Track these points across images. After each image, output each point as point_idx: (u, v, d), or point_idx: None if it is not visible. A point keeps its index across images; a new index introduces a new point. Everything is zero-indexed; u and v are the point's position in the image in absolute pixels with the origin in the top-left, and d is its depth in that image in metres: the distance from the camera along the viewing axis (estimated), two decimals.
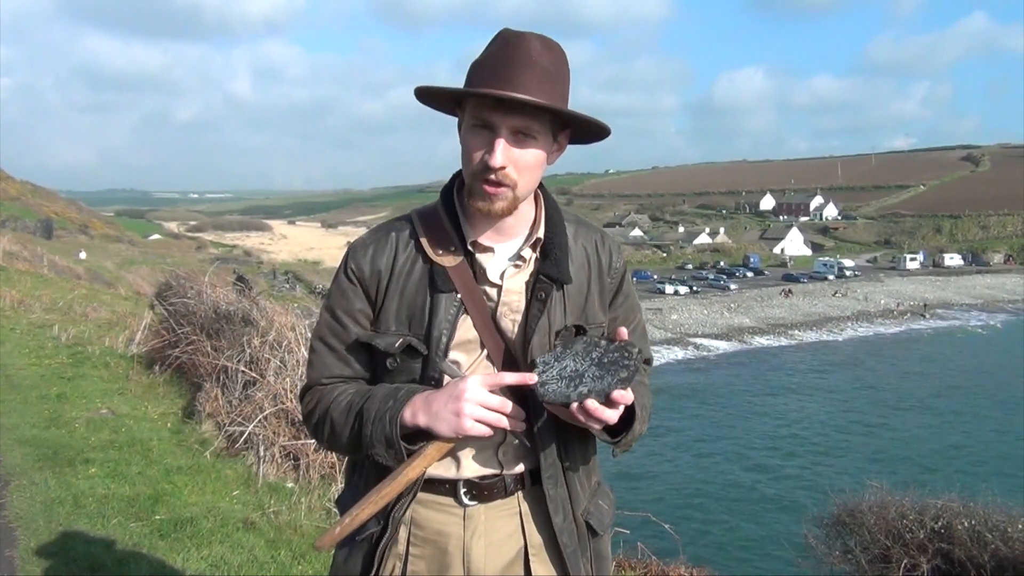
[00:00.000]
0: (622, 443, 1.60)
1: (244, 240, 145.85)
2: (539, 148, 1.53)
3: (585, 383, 1.44)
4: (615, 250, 1.75)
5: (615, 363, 1.46)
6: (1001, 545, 6.70)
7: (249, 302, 7.42)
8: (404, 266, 1.61)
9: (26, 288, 13.41)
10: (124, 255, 55.14)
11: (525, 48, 1.48)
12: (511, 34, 1.51)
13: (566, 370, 1.47)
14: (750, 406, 38.96)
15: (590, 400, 1.43)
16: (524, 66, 1.46)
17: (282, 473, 5.41)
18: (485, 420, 1.47)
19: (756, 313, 63.78)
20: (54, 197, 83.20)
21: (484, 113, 1.48)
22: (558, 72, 1.51)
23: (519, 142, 1.50)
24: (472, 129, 1.51)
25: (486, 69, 1.49)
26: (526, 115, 1.48)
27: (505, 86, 1.45)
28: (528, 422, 1.59)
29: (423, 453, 1.50)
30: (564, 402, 1.44)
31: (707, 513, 24.21)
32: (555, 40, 1.53)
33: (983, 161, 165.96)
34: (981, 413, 37.88)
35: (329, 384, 1.64)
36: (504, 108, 1.46)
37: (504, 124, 1.48)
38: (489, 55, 1.50)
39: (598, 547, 1.72)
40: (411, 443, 1.51)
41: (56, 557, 3.87)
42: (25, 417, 6.21)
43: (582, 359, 1.48)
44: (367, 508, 1.51)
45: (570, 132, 1.60)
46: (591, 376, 1.45)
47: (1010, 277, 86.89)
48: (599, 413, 1.44)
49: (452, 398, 1.47)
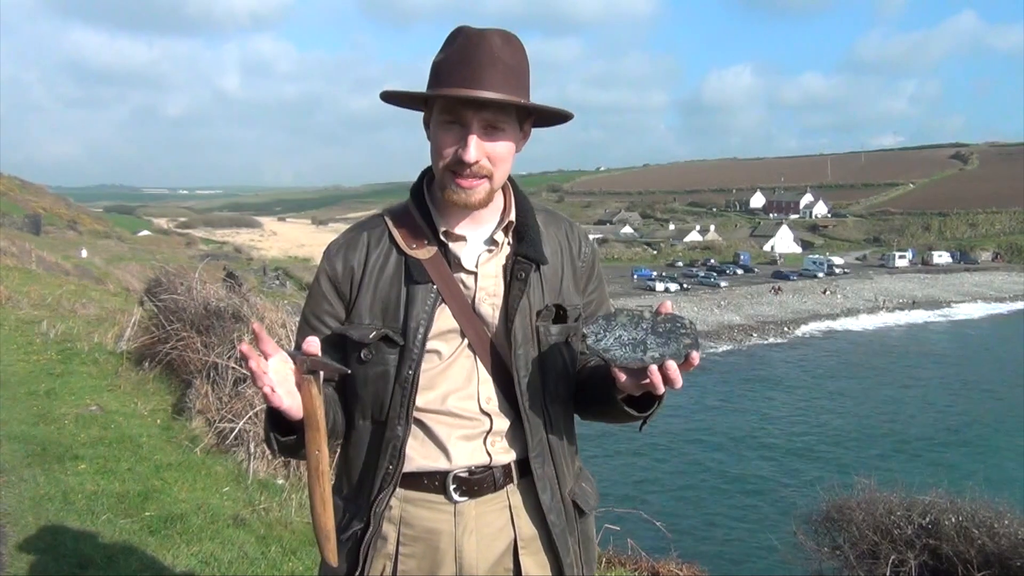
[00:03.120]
0: (652, 416, 1.63)
1: (234, 236, 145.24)
2: (508, 139, 1.60)
3: (652, 348, 1.48)
4: (583, 237, 1.80)
5: (673, 332, 1.49)
6: (988, 540, 6.75)
7: (239, 298, 7.41)
8: (377, 261, 1.64)
9: (14, 284, 13.35)
10: (113, 251, 54.88)
11: (487, 46, 1.53)
12: (472, 32, 1.56)
13: (623, 339, 1.50)
14: (739, 403, 39.12)
15: (671, 361, 1.46)
16: (488, 64, 1.52)
17: (272, 470, 5.41)
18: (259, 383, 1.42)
19: (746, 310, 63.95)
20: (42, 193, 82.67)
21: (455, 110, 1.54)
22: (519, 65, 1.57)
23: (489, 135, 1.56)
24: (443, 126, 1.57)
25: (452, 68, 1.54)
26: (495, 110, 1.54)
27: (473, 84, 1.50)
28: (515, 402, 1.62)
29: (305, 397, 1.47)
30: (640, 365, 1.47)
31: (697, 510, 24.30)
32: (512, 32, 1.58)
33: (972, 159, 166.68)
34: (970, 409, 38.11)
35: None
36: (474, 105, 1.53)
37: (474, 120, 1.54)
38: (452, 54, 1.55)
39: (584, 528, 1.75)
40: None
41: (45, 553, 3.86)
42: (14, 413, 6.18)
43: (632, 329, 1.51)
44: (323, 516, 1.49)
45: (533, 119, 1.66)
46: (654, 343, 1.49)
47: (998, 274, 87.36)
48: (676, 374, 1.46)
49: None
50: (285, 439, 1.52)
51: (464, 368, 1.61)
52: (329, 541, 1.50)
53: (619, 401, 1.57)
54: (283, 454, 1.58)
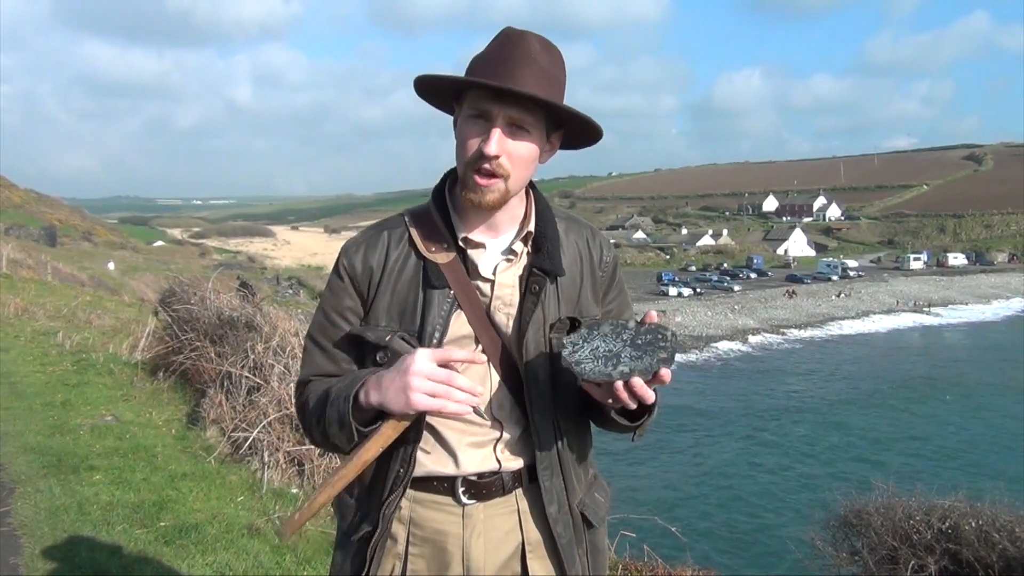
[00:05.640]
0: (643, 427, 1.62)
1: (247, 246, 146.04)
2: (533, 142, 1.56)
3: (624, 362, 1.45)
4: (605, 245, 1.78)
5: (651, 344, 1.47)
6: (1009, 545, 6.67)
7: (252, 308, 7.43)
8: (396, 263, 1.63)
9: (30, 295, 13.46)
10: (128, 262, 55.25)
11: (525, 46, 1.52)
12: (513, 32, 1.55)
13: (599, 350, 1.48)
14: (755, 407, 38.89)
15: (637, 378, 1.44)
16: (524, 62, 1.50)
17: (286, 479, 5.41)
18: (435, 393, 1.45)
19: (760, 314, 63.67)
20: (58, 204, 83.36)
21: (482, 103, 1.52)
22: (556, 73, 1.55)
23: (514, 134, 1.53)
24: (469, 119, 1.55)
25: (487, 63, 1.53)
26: (522, 108, 1.51)
27: (504, 79, 1.48)
28: (525, 412, 1.60)
29: (378, 432, 1.50)
30: (606, 380, 1.45)
31: (713, 515, 24.16)
32: (554, 43, 1.57)
33: (986, 160, 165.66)
34: (988, 412, 37.77)
35: (316, 381, 1.66)
36: (501, 100, 1.50)
37: (501, 114, 1.51)
38: (490, 50, 1.55)
39: (594, 539, 1.73)
40: (374, 424, 1.51)
41: (61, 564, 3.87)
42: (29, 424, 6.22)
43: (612, 340, 1.49)
44: (325, 491, 1.52)
45: (562, 134, 1.64)
46: (628, 356, 1.46)
47: (1015, 276, 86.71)
48: (643, 390, 1.44)
49: (400, 372, 1.46)
50: (365, 428, 1.51)
51: (477, 374, 1.60)
52: (308, 515, 1.55)
53: (610, 411, 1.56)
54: (345, 443, 1.53)
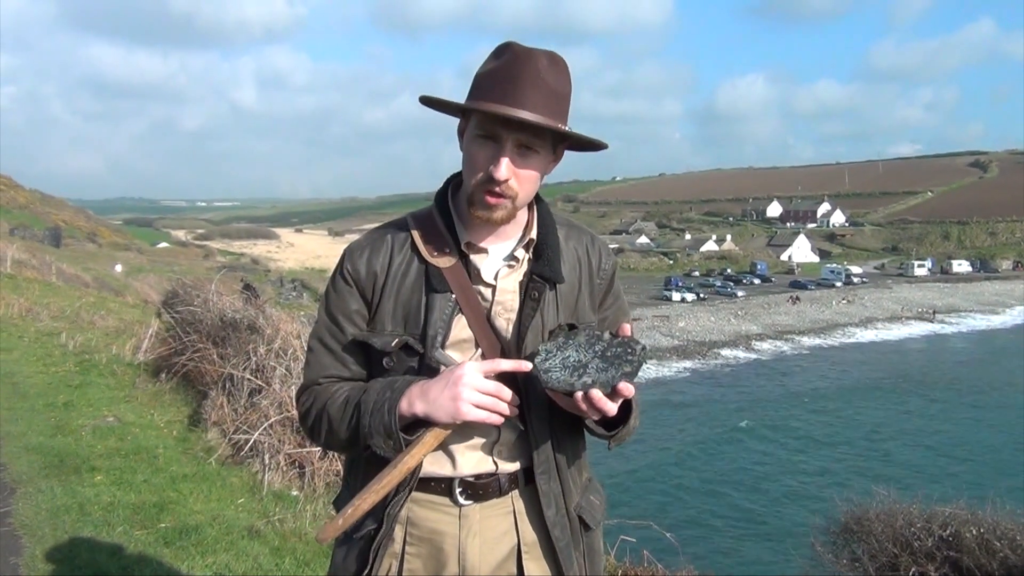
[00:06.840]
0: (617, 437, 1.65)
1: (251, 248, 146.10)
2: (540, 161, 1.59)
3: (589, 374, 1.49)
4: (605, 252, 1.79)
5: (619, 357, 1.50)
6: (1010, 553, 6.66)
7: (255, 310, 7.44)
8: (400, 267, 1.64)
9: (34, 296, 13.47)
10: (132, 263, 55.37)
11: (533, 65, 1.52)
12: (519, 49, 1.54)
13: (569, 360, 1.51)
14: (757, 413, 38.81)
15: (595, 390, 1.47)
16: (531, 84, 1.51)
17: (287, 481, 5.42)
18: (483, 405, 1.50)
19: (763, 320, 63.57)
20: (62, 205, 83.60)
21: (491, 126, 1.53)
22: (562, 89, 1.56)
23: (522, 156, 1.55)
24: (477, 140, 1.56)
25: (495, 83, 1.52)
26: (530, 132, 1.53)
27: (513, 103, 1.49)
28: (522, 417, 1.62)
29: (421, 441, 1.53)
30: (568, 390, 1.49)
31: (713, 521, 24.11)
32: (559, 54, 1.58)
33: (991, 167, 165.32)
34: (990, 420, 37.67)
35: (325, 383, 1.67)
36: (510, 125, 1.51)
37: (509, 139, 1.53)
38: (496, 69, 1.54)
39: (590, 542, 1.75)
40: (409, 433, 1.53)
41: (61, 564, 3.88)
42: (32, 425, 6.23)
43: (585, 351, 1.52)
44: (368, 498, 1.54)
45: (568, 143, 1.65)
46: (595, 367, 1.50)
47: (1019, 284, 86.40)
48: (602, 403, 1.49)
49: (450, 384, 1.50)
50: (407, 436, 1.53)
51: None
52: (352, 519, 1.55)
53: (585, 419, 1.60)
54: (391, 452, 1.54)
